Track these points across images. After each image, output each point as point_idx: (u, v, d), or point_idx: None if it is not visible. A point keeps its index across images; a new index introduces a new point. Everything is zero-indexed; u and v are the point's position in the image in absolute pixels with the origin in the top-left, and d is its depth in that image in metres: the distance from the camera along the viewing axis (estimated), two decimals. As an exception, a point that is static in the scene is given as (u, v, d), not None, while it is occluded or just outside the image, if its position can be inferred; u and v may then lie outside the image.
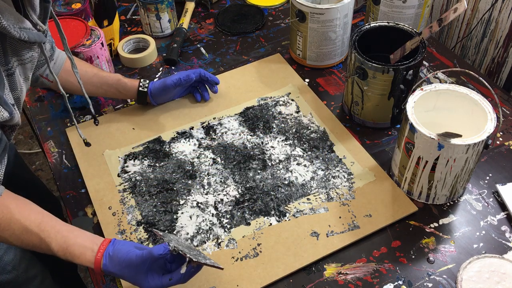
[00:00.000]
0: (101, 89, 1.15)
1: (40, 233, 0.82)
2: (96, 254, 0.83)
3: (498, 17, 1.30)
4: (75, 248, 0.83)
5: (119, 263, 0.82)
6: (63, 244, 0.83)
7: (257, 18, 1.48)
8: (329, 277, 0.92)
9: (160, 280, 0.82)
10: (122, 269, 0.82)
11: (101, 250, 0.83)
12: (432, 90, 0.98)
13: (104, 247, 0.84)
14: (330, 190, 1.04)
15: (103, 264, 0.82)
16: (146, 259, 0.82)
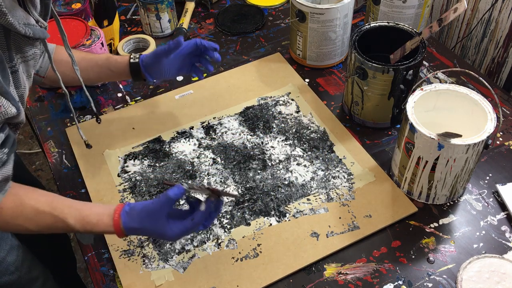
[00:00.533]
0: (92, 72, 1.08)
1: (52, 211, 0.81)
2: (113, 216, 0.82)
3: (498, 17, 1.30)
4: (92, 217, 0.82)
5: (138, 216, 0.81)
6: (78, 216, 0.82)
7: (257, 18, 1.48)
8: (329, 277, 0.92)
9: (183, 224, 0.81)
10: (142, 221, 0.81)
11: (118, 211, 0.82)
12: (432, 90, 0.98)
13: (119, 208, 0.83)
14: (330, 190, 1.04)
15: (123, 222, 0.81)
16: (164, 202, 0.80)
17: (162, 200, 0.80)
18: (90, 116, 1.23)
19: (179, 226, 0.81)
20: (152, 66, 1.07)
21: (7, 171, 0.79)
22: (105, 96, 1.27)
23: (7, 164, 0.79)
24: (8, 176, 0.79)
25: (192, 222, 0.81)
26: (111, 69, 1.08)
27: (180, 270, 0.93)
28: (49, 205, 0.82)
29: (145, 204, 0.82)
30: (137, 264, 0.94)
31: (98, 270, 0.95)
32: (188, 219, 0.81)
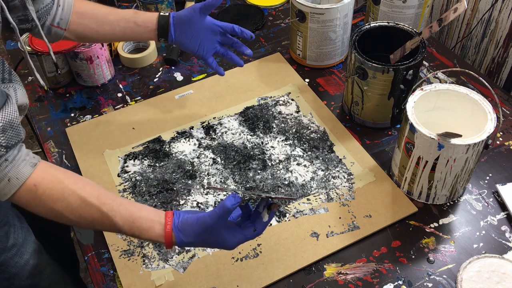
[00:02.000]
0: (118, 27, 1.02)
1: (101, 206, 0.76)
2: (165, 228, 0.77)
3: (498, 17, 1.30)
4: (143, 222, 0.77)
5: (193, 230, 0.77)
6: (128, 218, 0.77)
7: (257, 18, 1.48)
8: (329, 277, 0.92)
9: (244, 234, 0.78)
10: (199, 236, 0.77)
11: (169, 223, 0.77)
12: (432, 90, 0.98)
13: (170, 219, 0.78)
14: (330, 190, 1.04)
15: (176, 237, 0.77)
16: (222, 215, 0.75)
17: (219, 213, 0.75)
18: (90, 116, 1.23)
19: (239, 236, 0.78)
20: (183, 23, 1.03)
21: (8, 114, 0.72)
22: (105, 96, 1.27)
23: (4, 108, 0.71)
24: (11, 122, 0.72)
25: (254, 233, 0.78)
26: (138, 23, 1.03)
27: (180, 270, 0.93)
28: (97, 198, 0.76)
29: (199, 217, 0.77)
30: (137, 264, 0.94)
31: (98, 270, 0.95)
32: (249, 229, 0.78)
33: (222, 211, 0.75)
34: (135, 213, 0.78)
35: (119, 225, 0.77)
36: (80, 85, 1.30)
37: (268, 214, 0.78)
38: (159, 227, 0.78)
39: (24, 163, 0.74)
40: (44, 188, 0.74)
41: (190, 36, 1.05)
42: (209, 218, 0.76)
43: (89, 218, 0.76)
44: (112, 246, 0.97)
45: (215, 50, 1.09)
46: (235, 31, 1.07)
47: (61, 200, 0.75)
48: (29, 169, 0.74)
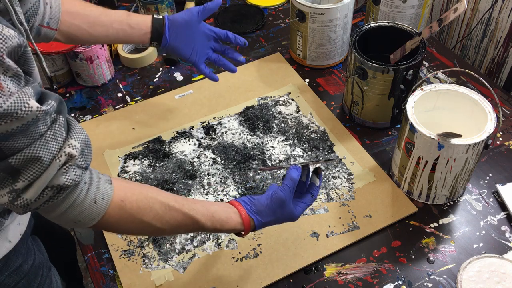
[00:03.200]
0: (111, 29, 0.99)
1: (181, 207, 0.75)
2: (241, 214, 0.78)
3: (498, 17, 1.30)
4: (220, 213, 0.77)
5: (269, 210, 0.79)
6: (207, 213, 0.77)
7: (257, 18, 1.48)
8: (329, 277, 0.92)
9: (305, 201, 0.83)
10: (274, 213, 0.80)
11: (242, 210, 0.79)
12: (432, 90, 0.98)
13: (240, 206, 0.79)
14: (330, 190, 1.04)
15: (256, 220, 0.79)
16: (292, 187, 0.80)
17: (290, 185, 0.80)
18: (90, 116, 1.23)
19: (302, 205, 0.83)
20: (178, 27, 1.01)
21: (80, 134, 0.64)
22: (105, 96, 1.27)
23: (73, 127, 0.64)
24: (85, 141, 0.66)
25: (312, 198, 0.84)
26: (131, 25, 1.00)
27: (180, 270, 0.93)
28: (176, 201, 0.75)
29: (272, 195, 0.80)
30: (137, 264, 0.94)
31: (98, 270, 0.95)
32: (307, 196, 0.83)
33: (292, 183, 0.80)
34: (210, 207, 0.78)
35: (202, 222, 0.76)
36: (80, 85, 1.30)
37: (318, 178, 0.85)
38: (235, 215, 0.79)
39: (101, 181, 0.69)
40: (131, 201, 0.71)
41: (184, 41, 1.03)
42: (283, 193, 0.79)
43: (174, 223, 0.75)
44: (112, 246, 0.97)
45: (207, 56, 1.07)
46: (229, 38, 1.06)
47: (148, 210, 0.72)
48: (109, 186, 0.70)
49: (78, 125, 0.65)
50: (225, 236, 0.97)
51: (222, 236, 0.97)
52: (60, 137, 0.61)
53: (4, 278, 0.86)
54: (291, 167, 0.82)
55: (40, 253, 0.96)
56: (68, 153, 0.61)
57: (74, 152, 0.62)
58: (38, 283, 0.94)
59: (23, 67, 0.60)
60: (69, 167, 0.62)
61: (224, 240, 0.97)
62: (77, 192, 0.65)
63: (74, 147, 0.62)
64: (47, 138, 0.60)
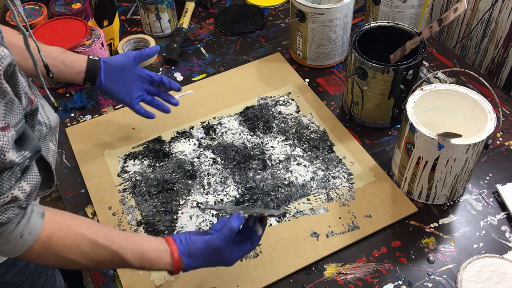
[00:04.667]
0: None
1: (111, 245, 0.73)
2: (172, 255, 0.77)
3: (498, 17, 1.30)
4: (151, 253, 0.76)
5: (201, 255, 0.78)
6: (137, 252, 0.75)
7: (257, 18, 1.48)
8: (329, 277, 0.92)
9: (242, 249, 0.81)
10: (207, 259, 0.79)
11: (175, 250, 0.77)
12: (432, 90, 0.98)
13: (174, 246, 0.78)
14: (330, 190, 1.04)
15: (186, 263, 0.78)
16: (229, 236, 0.78)
17: (227, 235, 0.77)
18: (90, 116, 1.23)
19: (239, 253, 0.81)
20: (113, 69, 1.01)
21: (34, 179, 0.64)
22: (105, 96, 1.27)
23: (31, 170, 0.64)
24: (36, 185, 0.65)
25: (252, 247, 0.82)
26: (65, 63, 0.98)
27: (180, 270, 0.93)
28: (106, 238, 0.73)
29: (207, 240, 0.78)
30: (137, 264, 0.94)
31: (98, 270, 0.95)
32: (247, 244, 0.81)
33: (230, 232, 0.77)
34: (142, 245, 0.76)
35: (129, 261, 0.75)
36: (80, 85, 1.30)
37: (261, 227, 0.82)
38: (167, 256, 0.77)
39: (33, 215, 0.68)
40: (57, 238, 0.69)
41: (119, 83, 1.03)
42: (218, 241, 0.77)
43: (100, 260, 0.74)
44: (112, 246, 0.97)
45: (141, 98, 1.07)
46: (163, 82, 1.06)
47: (74, 247, 0.71)
48: (40, 220, 0.68)
49: (35, 168, 0.65)
50: (225, 236, 0.97)
51: (222, 236, 0.97)
52: (15, 178, 0.61)
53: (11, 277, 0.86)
54: (233, 214, 0.78)
55: None
56: (15, 196, 0.60)
57: (21, 196, 0.61)
58: (43, 282, 0.94)
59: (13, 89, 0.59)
60: (10, 207, 0.61)
61: (224, 240, 0.97)
62: (5, 226, 0.64)
63: (23, 190, 0.61)
64: (3, 178, 0.59)
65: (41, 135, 0.76)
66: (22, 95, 0.62)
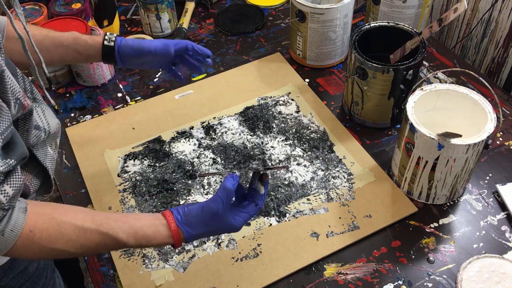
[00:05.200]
0: (56, 54, 0.94)
1: (99, 227, 0.70)
2: (170, 226, 0.74)
3: (498, 17, 1.30)
4: (145, 228, 0.73)
5: (200, 221, 0.75)
6: (130, 230, 0.72)
7: (257, 18, 1.48)
8: (329, 277, 0.92)
9: (247, 211, 0.77)
10: (206, 225, 0.75)
11: (172, 221, 0.74)
12: (432, 90, 0.98)
13: (171, 217, 0.75)
14: (330, 190, 1.04)
15: (185, 232, 0.74)
16: (225, 197, 0.74)
17: (223, 196, 0.74)
18: (90, 116, 1.23)
19: (244, 215, 0.77)
20: (130, 57, 0.98)
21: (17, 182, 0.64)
22: (105, 96, 1.27)
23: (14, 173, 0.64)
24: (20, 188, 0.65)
25: (257, 208, 0.78)
26: (79, 51, 0.95)
27: (180, 270, 0.93)
28: (93, 221, 0.71)
29: (203, 206, 0.75)
30: (137, 264, 0.94)
31: (98, 270, 0.95)
32: (251, 205, 0.78)
33: (226, 193, 0.74)
34: (135, 223, 0.74)
35: (123, 240, 0.72)
36: (80, 85, 1.30)
37: (262, 186, 0.79)
38: (164, 228, 0.74)
39: (15, 210, 0.66)
40: (41, 230, 0.68)
41: (139, 65, 1.00)
42: (214, 204, 0.74)
43: (92, 245, 0.71)
44: (112, 246, 0.97)
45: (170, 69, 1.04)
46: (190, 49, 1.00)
47: (59, 237, 0.69)
48: (22, 216, 0.66)
49: (18, 172, 0.64)
50: (225, 236, 0.97)
51: (222, 236, 0.97)
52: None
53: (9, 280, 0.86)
54: (227, 175, 0.75)
55: None
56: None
57: (3, 199, 0.61)
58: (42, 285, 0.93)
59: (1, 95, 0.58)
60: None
61: (224, 240, 0.97)
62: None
63: (6, 194, 0.61)
64: None
65: (39, 140, 0.75)
66: (11, 100, 0.61)
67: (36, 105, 0.75)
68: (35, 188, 0.79)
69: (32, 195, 0.80)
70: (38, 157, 0.77)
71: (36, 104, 0.76)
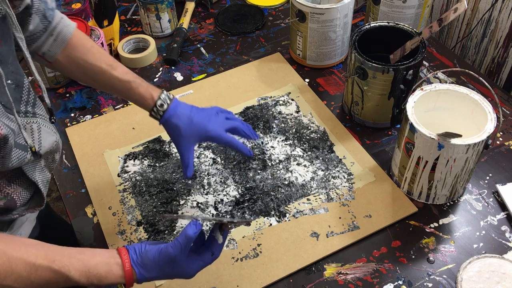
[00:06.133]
0: (106, 89, 0.96)
1: (51, 264, 0.68)
2: (124, 266, 0.72)
3: (498, 17, 1.30)
4: (99, 267, 0.71)
5: (155, 265, 0.73)
6: (83, 268, 0.70)
7: (257, 18, 1.48)
8: (329, 277, 0.92)
9: (203, 260, 0.76)
10: (161, 269, 0.74)
11: (126, 260, 0.73)
12: (432, 90, 0.98)
13: (126, 257, 0.73)
14: (330, 190, 1.04)
15: (138, 274, 0.73)
16: (185, 245, 0.73)
17: (183, 243, 0.73)
18: (90, 116, 1.23)
19: (199, 263, 0.76)
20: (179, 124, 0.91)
21: None
22: (105, 96, 1.27)
23: None
24: None
25: (212, 257, 0.77)
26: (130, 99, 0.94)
27: (180, 270, 0.93)
28: (45, 258, 0.69)
29: (161, 249, 0.74)
30: (137, 264, 0.94)
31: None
32: (207, 254, 0.76)
33: (186, 240, 0.73)
34: (89, 261, 0.72)
35: (75, 279, 0.70)
36: (80, 85, 1.30)
37: (221, 235, 0.78)
38: (117, 268, 0.72)
39: None
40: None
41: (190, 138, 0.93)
42: (173, 249, 0.73)
43: (41, 282, 0.69)
44: (112, 246, 0.97)
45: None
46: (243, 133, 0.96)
47: (9, 273, 0.66)
48: None
49: None
50: (225, 236, 0.97)
51: (222, 236, 0.97)
52: None
53: None
54: (191, 222, 0.74)
55: None
56: None
57: None
58: None
59: None
60: None
61: (224, 240, 0.97)
62: None
63: None
64: None
65: (22, 163, 0.74)
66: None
67: (32, 122, 0.75)
68: (23, 201, 0.78)
69: (20, 208, 0.79)
70: (26, 171, 0.76)
71: (33, 119, 0.76)
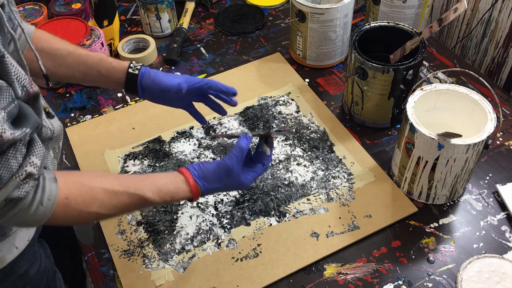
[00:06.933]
0: (77, 72, 0.93)
1: (127, 189, 0.76)
2: (188, 181, 0.80)
3: (498, 17, 1.30)
4: (168, 185, 0.79)
5: (216, 176, 0.81)
6: (154, 188, 0.78)
7: (257, 18, 1.48)
8: (329, 277, 0.92)
9: (256, 171, 0.84)
10: (221, 181, 0.81)
11: (189, 177, 0.80)
12: (432, 90, 0.98)
13: (188, 173, 0.81)
14: (330, 190, 1.04)
15: (202, 187, 0.81)
16: (240, 155, 0.81)
17: (238, 154, 0.81)
18: (90, 116, 1.23)
19: (253, 174, 0.84)
20: (148, 89, 0.95)
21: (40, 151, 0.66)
22: (105, 96, 1.27)
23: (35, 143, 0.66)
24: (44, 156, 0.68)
25: (263, 168, 0.85)
26: (101, 72, 0.93)
27: (180, 270, 0.93)
28: (120, 184, 0.76)
29: (219, 163, 0.81)
30: (137, 264, 0.94)
31: (98, 270, 0.95)
32: (258, 166, 0.84)
33: (240, 152, 0.81)
34: (158, 182, 0.79)
35: (150, 198, 0.77)
36: (80, 85, 1.30)
37: (268, 147, 0.85)
38: (183, 184, 0.80)
39: (47, 182, 0.69)
40: (75, 196, 0.72)
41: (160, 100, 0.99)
42: (230, 161, 0.81)
43: (123, 205, 0.76)
44: (112, 246, 0.97)
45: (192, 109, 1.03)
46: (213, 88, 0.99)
47: (93, 201, 0.73)
48: (55, 185, 0.70)
49: (38, 141, 0.67)
50: (225, 236, 0.97)
51: (222, 236, 0.97)
52: (20, 155, 0.62)
53: (9, 284, 0.86)
54: (241, 136, 0.83)
55: (47, 257, 0.95)
56: (29, 172, 0.63)
57: (34, 171, 0.64)
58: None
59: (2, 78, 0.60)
60: (26, 182, 0.64)
61: (224, 240, 0.97)
62: (25, 199, 0.65)
63: (34, 165, 0.64)
64: (8, 156, 0.61)
65: (46, 137, 0.78)
66: (14, 82, 0.63)
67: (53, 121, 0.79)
68: None
69: None
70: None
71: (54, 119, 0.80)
